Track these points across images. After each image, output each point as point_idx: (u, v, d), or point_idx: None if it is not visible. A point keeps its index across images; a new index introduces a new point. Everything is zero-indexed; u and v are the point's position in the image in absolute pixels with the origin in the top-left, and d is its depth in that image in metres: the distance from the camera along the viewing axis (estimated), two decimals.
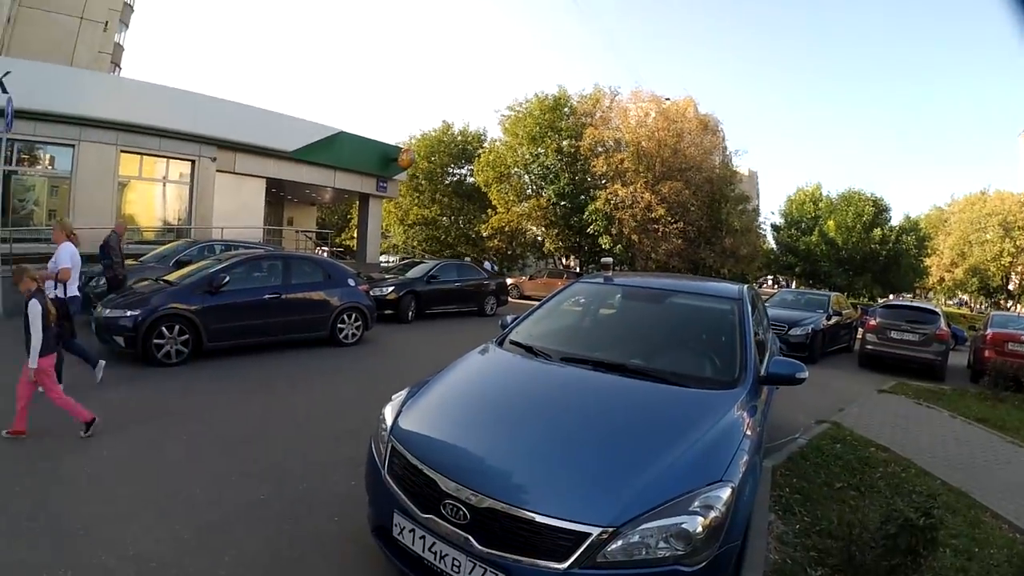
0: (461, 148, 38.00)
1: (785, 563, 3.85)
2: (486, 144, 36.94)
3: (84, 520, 3.75)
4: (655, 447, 2.92)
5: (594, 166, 29.66)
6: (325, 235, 29.69)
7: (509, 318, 4.99)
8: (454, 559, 2.63)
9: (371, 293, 12.20)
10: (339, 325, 10.59)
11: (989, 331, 14.74)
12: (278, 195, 26.94)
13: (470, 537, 2.58)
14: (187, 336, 8.30)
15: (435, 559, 2.70)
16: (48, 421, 5.34)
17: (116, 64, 32.88)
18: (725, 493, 2.62)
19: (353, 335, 10.83)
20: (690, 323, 4.87)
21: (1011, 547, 4.61)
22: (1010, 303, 50.95)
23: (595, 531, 2.43)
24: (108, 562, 3.31)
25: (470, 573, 2.58)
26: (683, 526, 2.46)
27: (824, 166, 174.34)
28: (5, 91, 12.61)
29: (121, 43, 33.93)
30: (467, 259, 29.97)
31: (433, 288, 16.07)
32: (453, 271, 17.53)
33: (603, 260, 6.11)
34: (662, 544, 2.44)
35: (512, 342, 4.41)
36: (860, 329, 17.24)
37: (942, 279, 55.25)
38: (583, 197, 31.14)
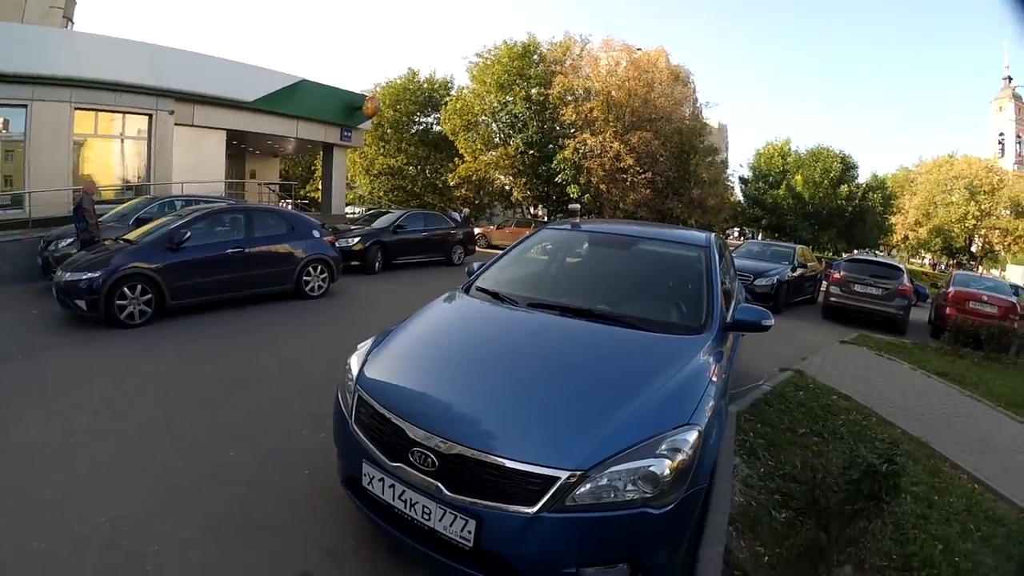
0: (427, 96, 37.31)
1: (750, 506, 3.93)
2: (453, 92, 36.27)
3: (51, 488, 3.69)
4: (622, 391, 2.92)
5: (563, 115, 29.48)
6: (289, 187, 29.18)
7: (475, 265, 4.90)
8: (424, 506, 2.63)
9: (337, 244, 12.00)
10: (304, 278, 10.47)
11: (951, 289, 15.14)
12: (239, 148, 26.14)
13: (439, 484, 2.58)
14: (150, 296, 8.12)
15: (405, 507, 2.70)
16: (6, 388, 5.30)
17: (68, 18, 31.57)
18: (692, 436, 2.65)
19: (319, 287, 10.74)
20: (657, 270, 4.83)
21: (970, 496, 4.81)
22: (972, 263, 51.48)
23: (563, 475, 2.44)
24: (80, 531, 3.27)
25: (440, 520, 2.58)
26: (651, 468, 2.49)
27: (794, 124, 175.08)
28: None
29: None
30: (435, 209, 29.72)
31: (400, 238, 15.93)
32: (420, 220, 17.38)
33: (570, 207, 6.09)
34: (630, 487, 2.46)
35: (479, 288, 4.38)
36: (824, 282, 17.53)
37: (906, 237, 55.87)
38: (551, 146, 31.02)
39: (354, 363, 3.38)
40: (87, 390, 5.48)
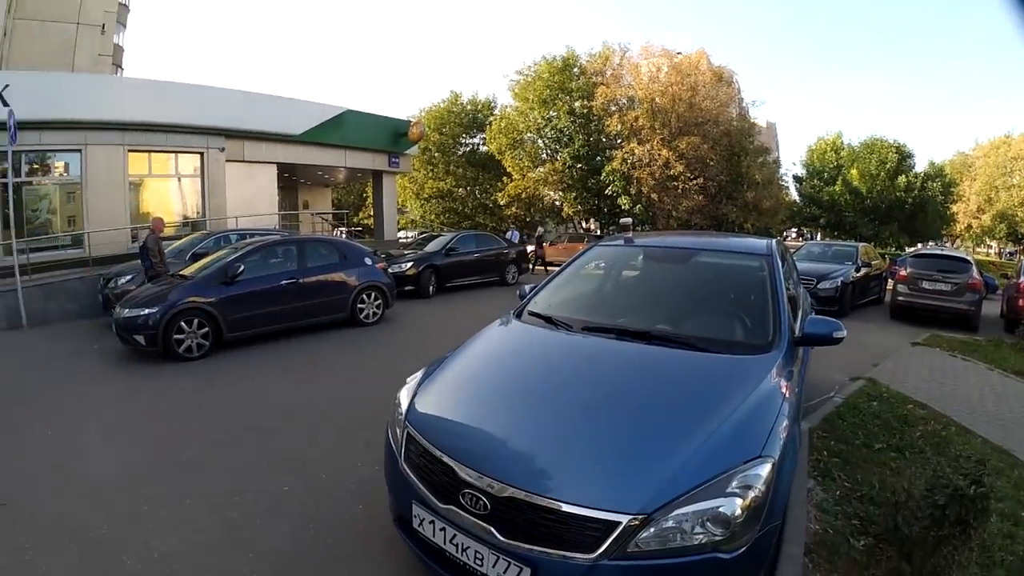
0: (471, 117, 37.72)
1: (826, 533, 3.66)
2: (496, 111, 36.64)
3: (106, 523, 3.68)
4: (687, 422, 2.70)
5: (608, 125, 29.34)
6: (342, 216, 29.67)
7: (527, 288, 4.76)
8: (476, 551, 2.48)
9: (390, 270, 12.06)
10: (359, 305, 10.48)
11: (1022, 279, 14.29)
12: (291, 179, 26.75)
13: (492, 528, 2.43)
14: (207, 329, 8.24)
15: (457, 551, 2.55)
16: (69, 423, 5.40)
17: (118, 65, 32.82)
18: (765, 470, 2.42)
19: (374, 314, 10.73)
20: (717, 283, 4.58)
21: None
22: None
23: (624, 519, 2.25)
24: (133, 566, 3.23)
25: (493, 566, 2.43)
26: (720, 509, 2.27)
27: (844, 115, 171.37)
28: (6, 104, 12.52)
29: (120, 44, 33.83)
30: (488, 229, 29.77)
31: (452, 260, 15.89)
32: (472, 242, 17.31)
33: (622, 221, 5.84)
34: (698, 530, 2.25)
35: (531, 313, 4.18)
36: (890, 280, 16.88)
37: (969, 226, 53.62)
38: (599, 158, 30.86)
39: (403, 397, 3.26)
40: (146, 424, 5.57)
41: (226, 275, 8.58)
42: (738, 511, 2.27)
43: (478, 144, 38.19)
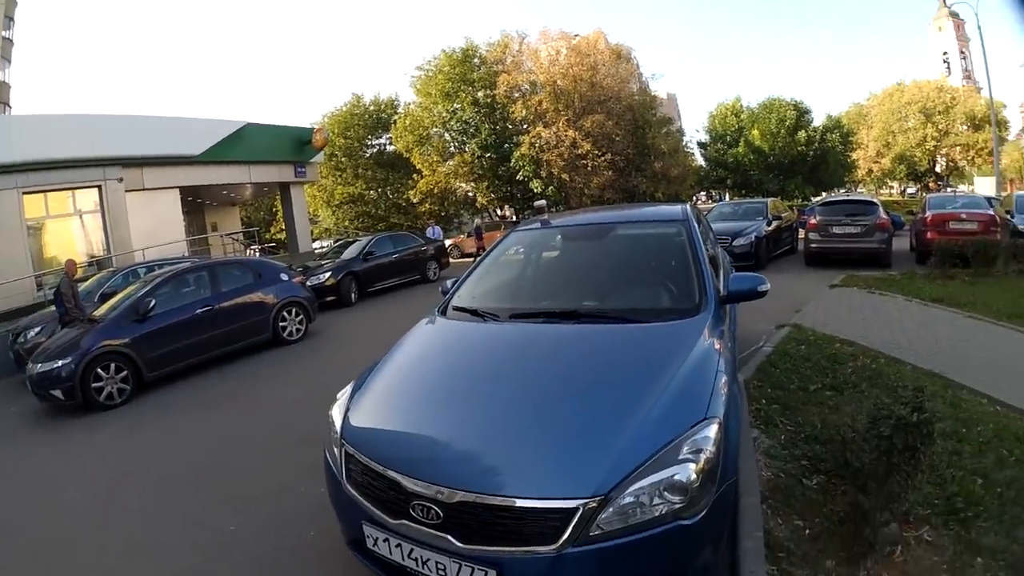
0: (375, 118, 37.22)
1: (779, 478, 3.79)
2: (400, 109, 36.29)
3: None
4: (628, 396, 2.69)
5: (513, 112, 29.51)
6: (253, 233, 28.81)
7: (449, 283, 4.68)
8: (437, 562, 2.40)
9: (308, 282, 11.89)
10: (280, 323, 10.23)
11: (928, 213, 14.91)
12: (196, 202, 25.81)
13: (448, 536, 2.36)
14: (125, 372, 7.86)
15: (417, 565, 2.47)
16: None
17: (4, 103, 31.30)
18: (712, 431, 2.44)
19: (297, 331, 10.52)
20: (638, 254, 4.60)
21: (996, 421, 4.59)
22: (939, 184, 52.69)
23: (581, 504, 2.23)
24: None
25: (458, 573, 2.36)
26: (676, 477, 2.28)
27: (741, 82, 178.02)
28: None
29: (7, 80, 32.27)
30: (403, 228, 29.51)
31: (371, 265, 15.75)
32: (388, 243, 17.17)
33: (536, 203, 5.80)
34: (657, 501, 2.26)
35: (456, 308, 4.14)
36: (800, 230, 17.71)
37: (870, 171, 57.10)
38: (507, 145, 30.97)
39: (336, 415, 3.14)
40: (78, 480, 5.34)
41: (137, 312, 8.20)
42: (693, 476, 2.29)
43: (385, 144, 37.77)
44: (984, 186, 33.87)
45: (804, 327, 7.67)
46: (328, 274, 14.33)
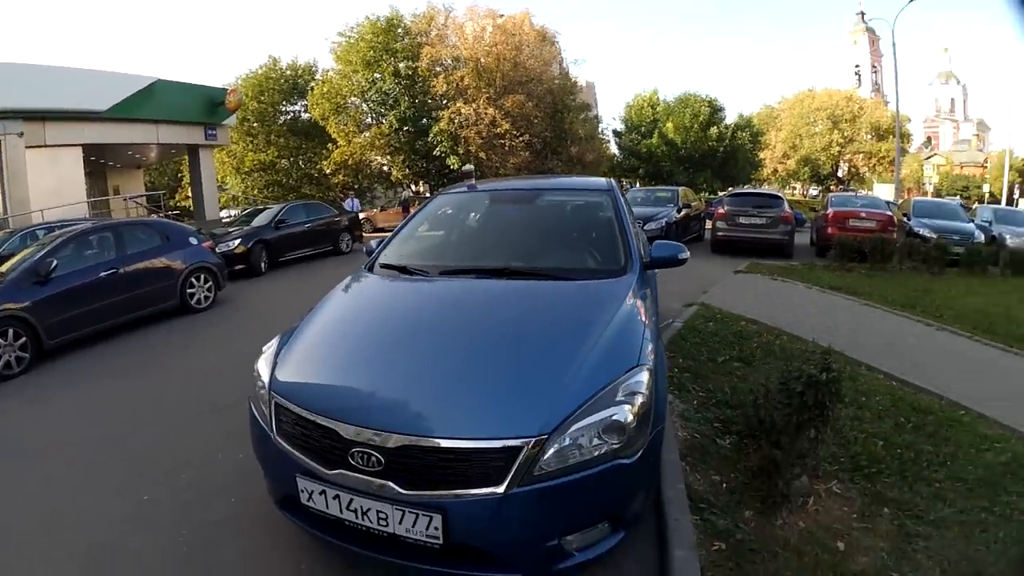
0: (292, 83, 36.01)
1: (694, 438, 4.06)
2: (319, 76, 35.32)
3: None
4: (565, 344, 2.79)
5: (434, 86, 29.30)
6: (157, 198, 27.43)
7: (373, 243, 4.65)
8: (379, 511, 2.36)
9: (217, 249, 11.45)
10: (188, 290, 9.76)
11: (831, 210, 16.41)
12: (99, 163, 24.39)
13: (390, 483, 2.33)
14: (24, 339, 7.26)
15: (356, 517, 2.42)
16: None
17: None
18: (645, 377, 2.57)
19: (206, 298, 10.08)
20: (566, 219, 4.79)
21: (892, 393, 5.15)
22: (840, 187, 55.95)
23: (526, 443, 2.27)
24: None
25: (400, 522, 2.34)
26: (614, 418, 2.38)
27: (660, 75, 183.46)
28: None
29: None
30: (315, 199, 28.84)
31: (283, 233, 15.28)
32: (301, 212, 16.79)
33: (464, 168, 5.87)
34: (596, 441, 2.35)
35: (383, 265, 4.12)
36: (708, 220, 18.64)
37: (776, 170, 60.92)
38: (425, 120, 30.70)
39: (262, 368, 3.04)
40: None
41: (38, 274, 7.61)
42: (630, 417, 2.40)
43: (300, 111, 36.65)
44: (883, 192, 36.26)
45: (712, 306, 8.18)
46: (238, 241, 13.74)
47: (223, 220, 23.66)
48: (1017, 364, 6.53)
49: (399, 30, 31.35)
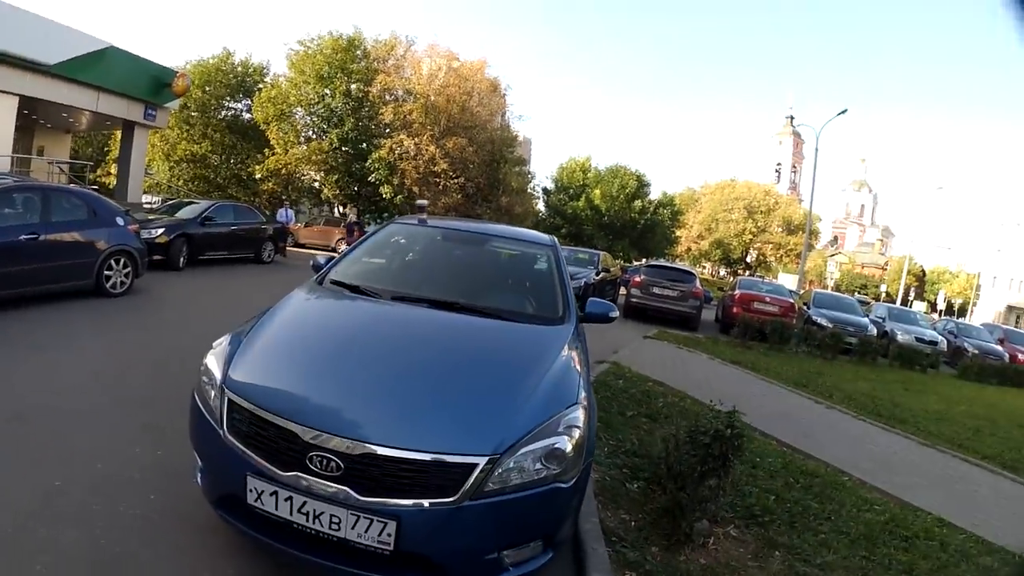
0: (240, 80, 35.21)
1: (605, 480, 4.42)
2: (268, 79, 34.80)
3: None
4: (514, 377, 3.07)
5: (382, 114, 29.40)
6: (82, 168, 26.20)
7: (321, 259, 4.75)
8: (332, 516, 2.42)
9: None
10: (106, 272, 9.24)
11: (738, 291, 18.21)
12: (30, 118, 22.52)
13: (348, 489, 2.40)
14: None
15: (307, 520, 2.46)
16: None
17: None
18: (581, 413, 2.88)
19: (122, 284, 9.55)
20: (512, 266, 5.21)
21: (783, 457, 5.84)
22: (747, 272, 60.84)
23: (482, 461, 2.46)
24: None
25: (353, 527, 2.41)
26: (556, 446, 2.64)
27: (593, 142, 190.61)
28: None
29: None
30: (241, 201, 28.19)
31: (208, 231, 14.97)
32: (230, 213, 16.56)
33: (418, 202, 6.12)
34: (539, 465, 2.58)
35: (333, 282, 4.19)
36: (623, 286, 19.75)
37: (689, 248, 65.09)
38: (366, 145, 30.73)
39: (213, 364, 3.02)
40: None
41: None
42: (569, 447, 2.67)
43: (242, 110, 35.89)
44: (788, 282, 38.78)
45: (622, 365, 8.75)
46: (161, 230, 13.34)
47: (143, 205, 23.00)
48: (898, 442, 7.59)
49: (358, 51, 31.44)
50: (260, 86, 33.56)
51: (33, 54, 16.83)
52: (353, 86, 30.59)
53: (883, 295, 70.50)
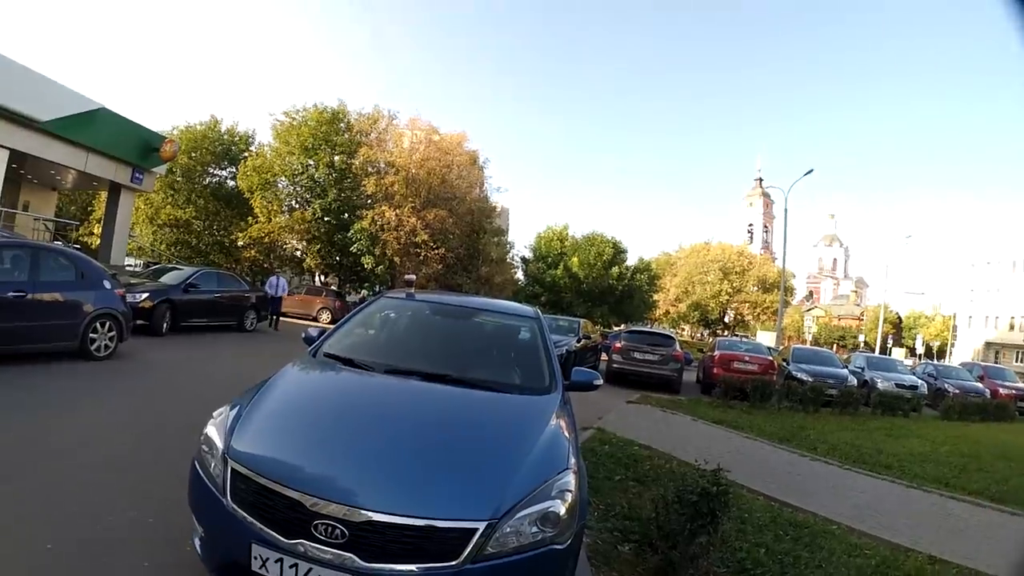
0: (226, 148, 35.66)
1: (597, 544, 4.52)
2: (253, 148, 35.31)
3: None
4: (507, 445, 3.22)
5: (364, 185, 29.79)
6: (66, 227, 26.22)
7: (313, 332, 4.90)
8: None
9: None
10: (91, 335, 9.39)
11: (717, 352, 18.38)
12: (17, 172, 22.16)
13: (352, 555, 2.48)
14: None
15: None
16: None
17: None
18: (572, 478, 2.98)
19: (107, 347, 9.71)
20: (498, 338, 5.37)
21: (771, 511, 5.95)
22: (726, 332, 61.92)
23: (481, 525, 2.56)
24: None
25: None
26: (551, 509, 2.73)
27: (569, 210, 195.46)
28: None
29: None
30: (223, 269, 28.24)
31: (191, 298, 15.05)
32: (213, 280, 16.64)
33: (406, 277, 6.39)
34: (535, 529, 2.67)
35: (328, 355, 4.33)
36: (604, 352, 20.07)
37: (668, 311, 66.24)
38: (348, 215, 31.17)
39: (214, 433, 3.09)
40: None
41: None
42: (563, 510, 2.77)
43: (227, 177, 36.23)
44: (766, 339, 39.21)
45: (607, 431, 8.87)
46: (146, 295, 13.42)
47: (126, 268, 22.96)
48: (884, 487, 7.79)
49: (342, 124, 32.07)
50: (245, 154, 33.94)
51: (26, 109, 16.86)
52: (336, 158, 31.16)
53: (861, 344, 72.25)
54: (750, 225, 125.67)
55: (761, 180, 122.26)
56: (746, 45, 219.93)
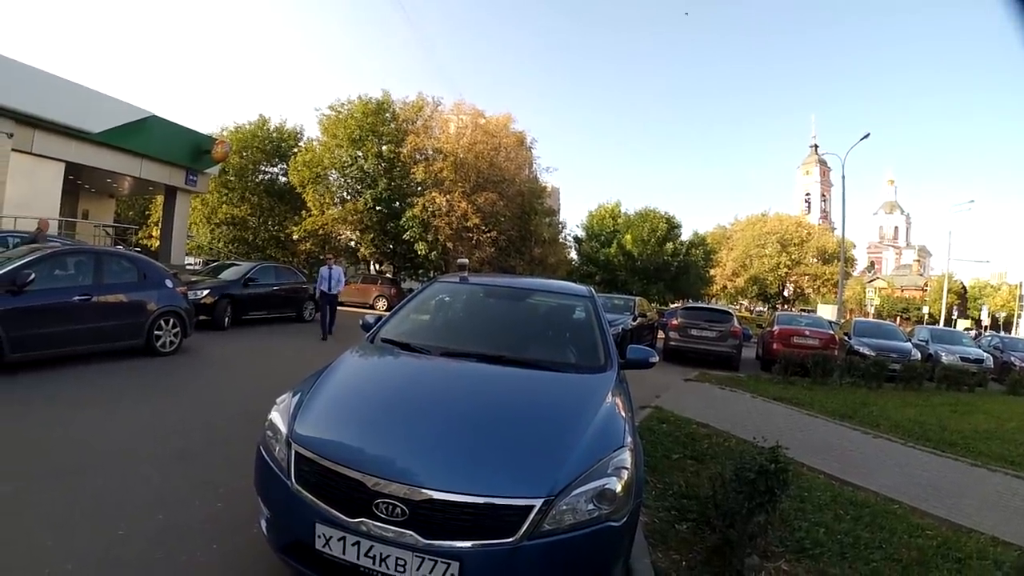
0: (276, 145, 36.39)
1: (655, 523, 4.46)
2: (302, 143, 35.90)
3: None
4: (563, 423, 3.22)
5: (413, 173, 29.89)
6: (126, 232, 26.82)
7: (370, 319, 5.00)
8: (398, 558, 2.55)
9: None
10: (156, 332, 9.70)
11: (776, 327, 17.82)
12: (75, 183, 23.38)
13: (413, 532, 2.54)
14: None
15: (374, 563, 2.58)
16: None
17: None
18: (628, 456, 2.98)
19: (171, 343, 10.02)
20: (552, 318, 5.37)
21: (831, 490, 5.79)
22: (786, 306, 60.46)
23: (538, 503, 2.59)
24: None
25: (418, 569, 2.53)
26: (607, 487, 2.74)
27: (623, 187, 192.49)
28: None
29: None
30: (281, 262, 28.66)
31: (251, 292, 15.43)
32: (271, 274, 17.00)
33: (459, 261, 6.34)
34: (591, 506, 2.68)
35: (385, 340, 4.43)
36: (661, 330, 19.64)
37: (725, 287, 64.19)
38: (399, 204, 31.31)
39: (278, 419, 3.21)
40: None
41: (14, 283, 7.56)
42: (619, 488, 2.77)
43: (278, 174, 36.96)
44: (827, 312, 37.97)
45: (665, 409, 8.72)
46: (207, 292, 13.80)
47: (186, 267, 23.47)
48: (948, 465, 7.47)
49: (387, 114, 32.12)
50: (295, 150, 34.64)
51: (78, 123, 17.61)
52: (384, 147, 31.25)
53: (926, 316, 69.12)
54: (807, 194, 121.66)
55: (816, 147, 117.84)
56: (800, 6, 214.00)
